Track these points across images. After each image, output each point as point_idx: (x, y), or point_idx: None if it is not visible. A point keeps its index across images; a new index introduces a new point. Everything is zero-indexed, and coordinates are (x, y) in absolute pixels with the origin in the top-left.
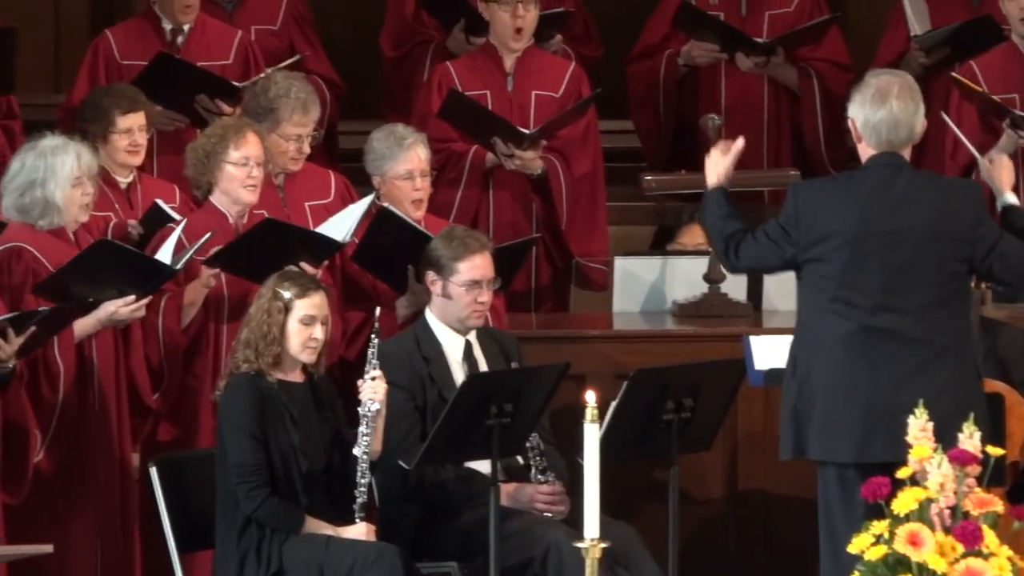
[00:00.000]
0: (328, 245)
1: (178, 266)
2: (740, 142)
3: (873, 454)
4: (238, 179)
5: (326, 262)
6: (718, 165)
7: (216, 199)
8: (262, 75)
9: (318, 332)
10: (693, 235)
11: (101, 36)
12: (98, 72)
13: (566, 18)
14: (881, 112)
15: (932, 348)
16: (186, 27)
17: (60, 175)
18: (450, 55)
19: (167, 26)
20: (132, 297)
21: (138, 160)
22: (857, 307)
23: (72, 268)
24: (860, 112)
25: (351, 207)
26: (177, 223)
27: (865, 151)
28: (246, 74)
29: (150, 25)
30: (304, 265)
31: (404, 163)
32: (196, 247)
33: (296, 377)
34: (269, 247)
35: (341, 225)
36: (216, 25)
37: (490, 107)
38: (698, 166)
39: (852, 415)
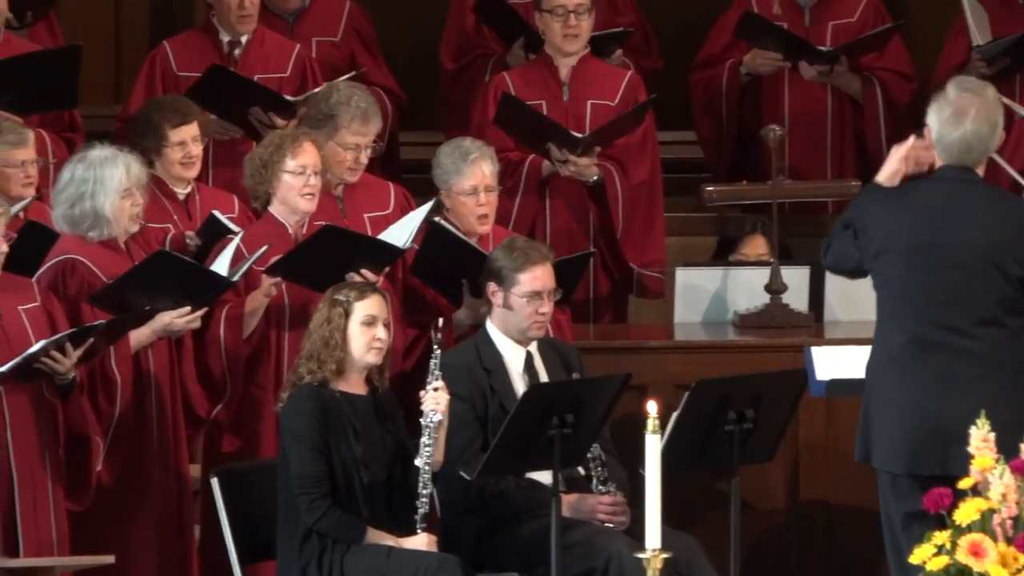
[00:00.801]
0: (388, 252)
1: (235, 277)
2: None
3: (924, 467)
4: (295, 188)
5: (386, 269)
6: (893, 164)
7: (275, 209)
8: (317, 89)
9: (381, 332)
10: (755, 246)
11: (158, 48)
12: (155, 83)
13: (625, 37)
14: (956, 133)
15: (985, 364)
16: (244, 39)
17: (109, 186)
18: (509, 69)
19: (225, 38)
20: (187, 308)
21: (194, 172)
22: (909, 320)
23: (130, 279)
24: (936, 125)
25: (411, 214)
26: (234, 234)
27: (937, 160)
28: (303, 87)
29: (208, 37)
30: (365, 272)
31: (469, 178)
32: (253, 258)
33: (359, 390)
34: (329, 255)
35: (401, 232)
36: (274, 38)
37: None
38: (760, 176)
39: (903, 427)
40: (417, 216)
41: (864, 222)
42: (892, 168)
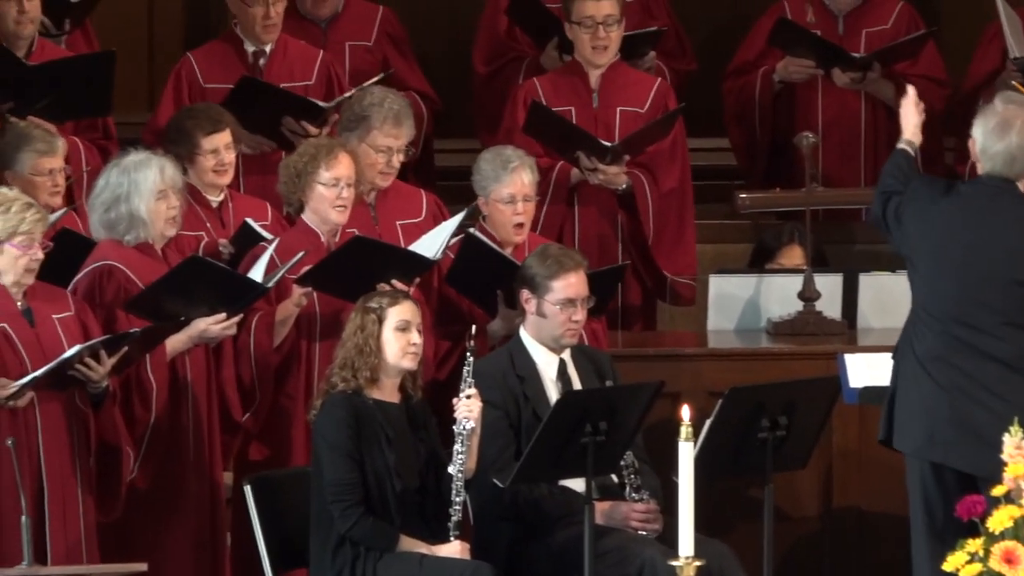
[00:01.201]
0: (419, 262)
1: (269, 284)
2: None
3: (949, 459)
4: (328, 199)
5: (417, 279)
6: (914, 115)
7: (307, 217)
8: (348, 94)
9: (415, 337)
10: (792, 256)
11: (183, 60)
12: (182, 96)
13: (658, 36)
14: (1000, 145)
15: (1010, 367)
16: (268, 48)
17: (143, 188)
18: (542, 72)
19: (249, 48)
20: (223, 315)
21: (227, 179)
22: (937, 318)
23: (163, 285)
24: (980, 136)
25: (443, 224)
26: (268, 242)
27: (979, 169)
28: (329, 94)
29: (232, 47)
30: (395, 282)
31: (507, 186)
32: (288, 266)
33: (393, 398)
34: (360, 265)
35: (433, 242)
36: (298, 46)
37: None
38: (793, 184)
39: (927, 417)
40: (449, 226)
41: (901, 214)
42: (915, 120)
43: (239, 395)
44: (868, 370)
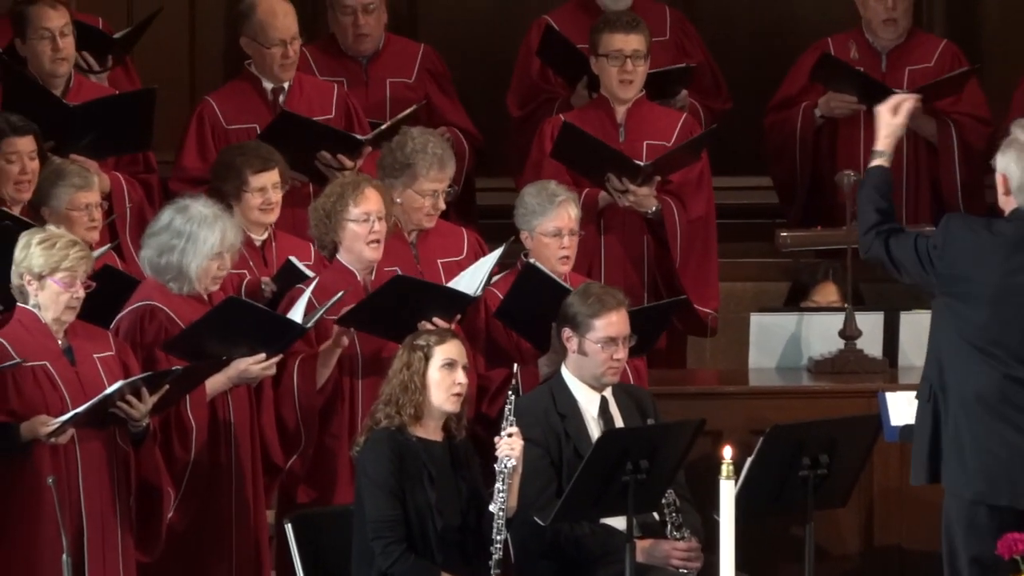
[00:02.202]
0: (460, 299)
1: (308, 325)
2: (911, 101)
3: (998, 496)
4: (361, 236)
5: (458, 317)
6: (889, 123)
7: (342, 257)
8: (387, 124)
9: (461, 376)
10: (827, 294)
11: (203, 103)
12: (205, 139)
13: (688, 74)
14: None
15: None
16: (286, 85)
17: (201, 249)
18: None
19: (268, 85)
20: (263, 355)
21: (272, 218)
22: (998, 358)
23: (202, 326)
24: (1009, 166)
25: (482, 260)
26: (310, 280)
27: (1008, 203)
28: (349, 127)
29: (250, 86)
30: (436, 320)
31: (553, 220)
32: (327, 306)
33: (436, 436)
34: (400, 304)
35: (472, 279)
36: (312, 81)
37: None
38: (834, 222)
39: (984, 458)
40: (487, 262)
41: (943, 248)
42: (891, 126)
43: (283, 439)
44: (909, 408)
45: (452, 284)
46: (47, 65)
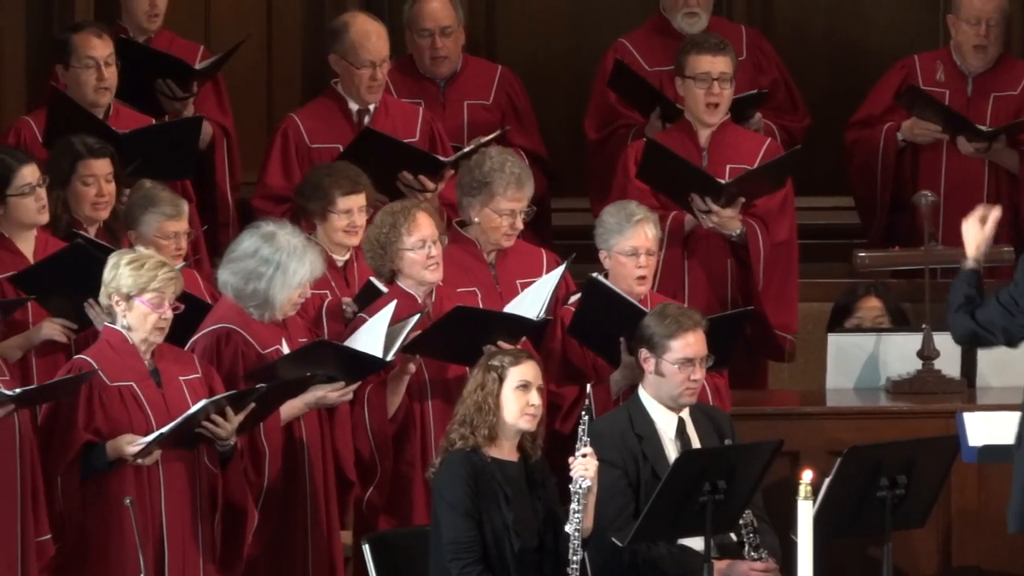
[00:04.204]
0: (523, 324)
1: (388, 357)
2: (997, 211)
3: None
4: (419, 262)
5: (523, 338)
6: (976, 235)
7: (402, 282)
8: (470, 147)
9: (535, 398)
10: (870, 308)
11: (287, 120)
12: (289, 156)
13: (763, 99)
14: None
15: None
16: (371, 107)
17: (289, 281)
18: None
19: (353, 107)
20: (341, 383)
21: (356, 240)
22: None
23: (288, 362)
24: None
25: (542, 280)
26: (388, 297)
27: None
28: (432, 150)
29: (336, 105)
30: (502, 344)
31: (631, 239)
32: (403, 335)
33: (511, 456)
34: (464, 332)
35: (534, 301)
36: (398, 104)
37: None
38: (912, 242)
39: None
40: (548, 283)
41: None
42: (978, 238)
43: (360, 469)
44: (987, 429)
45: (513, 304)
46: (90, 95)
